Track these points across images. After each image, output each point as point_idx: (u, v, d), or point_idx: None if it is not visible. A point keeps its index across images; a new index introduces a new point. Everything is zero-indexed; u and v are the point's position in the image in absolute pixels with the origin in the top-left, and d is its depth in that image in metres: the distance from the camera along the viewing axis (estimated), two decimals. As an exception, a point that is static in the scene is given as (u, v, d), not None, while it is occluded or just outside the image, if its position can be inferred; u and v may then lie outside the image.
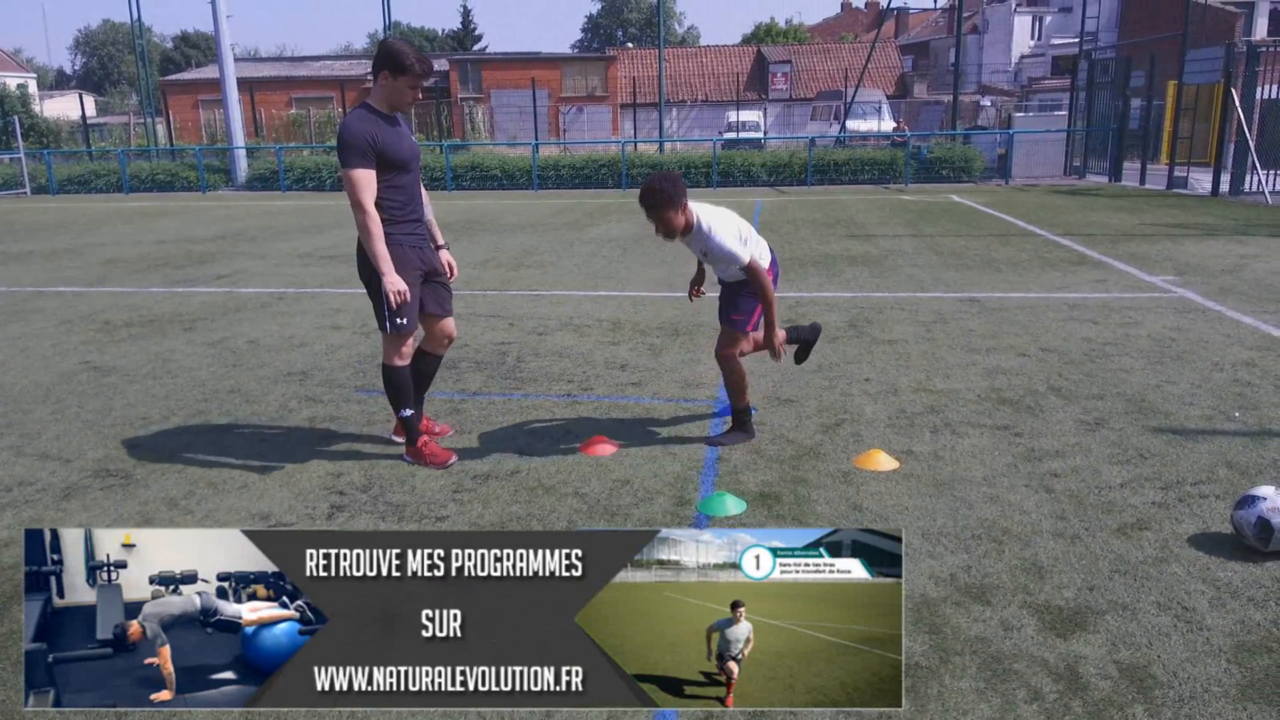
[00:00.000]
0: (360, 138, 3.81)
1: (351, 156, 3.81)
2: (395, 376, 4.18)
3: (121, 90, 71.46)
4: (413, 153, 4.04)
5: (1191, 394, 5.07)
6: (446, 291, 4.35)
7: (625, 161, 22.56)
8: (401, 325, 4.05)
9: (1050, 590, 3.04)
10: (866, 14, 68.26)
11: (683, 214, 4.07)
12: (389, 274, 3.90)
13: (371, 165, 3.84)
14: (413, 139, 4.11)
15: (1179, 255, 9.99)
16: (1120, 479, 3.93)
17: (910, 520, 3.55)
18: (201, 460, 4.35)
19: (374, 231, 3.86)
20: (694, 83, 44.73)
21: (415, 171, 4.09)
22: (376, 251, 3.88)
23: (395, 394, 4.21)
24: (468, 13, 56.51)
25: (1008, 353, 6.02)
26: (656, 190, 3.98)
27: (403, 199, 4.00)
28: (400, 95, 3.92)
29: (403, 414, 4.23)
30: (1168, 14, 30.04)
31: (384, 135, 3.87)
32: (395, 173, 3.95)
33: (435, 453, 4.24)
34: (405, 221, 4.03)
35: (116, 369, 6.05)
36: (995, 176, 22.54)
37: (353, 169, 3.82)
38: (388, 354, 4.16)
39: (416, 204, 4.10)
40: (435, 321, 4.33)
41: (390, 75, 3.87)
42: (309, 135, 31.89)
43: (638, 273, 9.59)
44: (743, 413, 4.47)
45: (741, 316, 4.36)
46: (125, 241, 13.16)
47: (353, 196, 3.85)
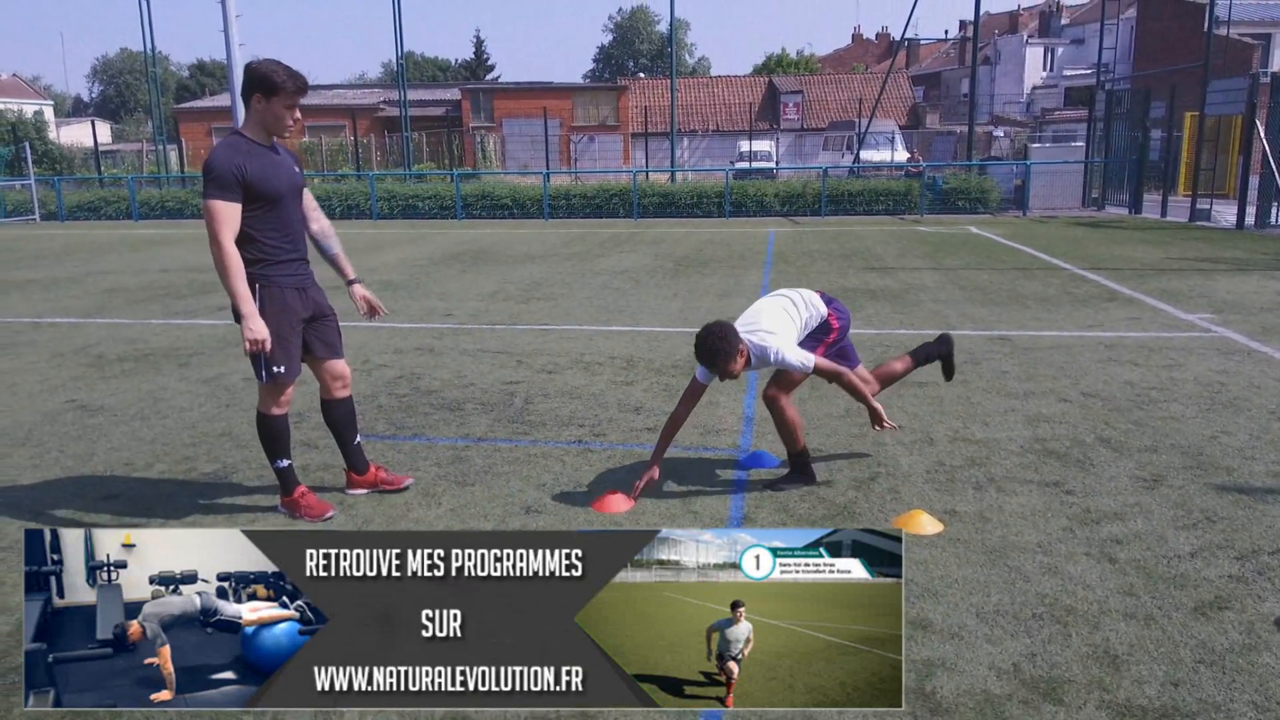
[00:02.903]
0: (225, 167, 3.50)
1: (211, 186, 3.50)
2: (269, 425, 3.86)
3: (137, 118, 72.09)
4: (291, 184, 3.71)
5: (1252, 447, 4.70)
6: (335, 332, 4.01)
7: (637, 191, 22.35)
8: (278, 374, 3.74)
9: (1130, 686, 2.66)
10: (877, 45, 68.47)
11: (741, 357, 4.00)
12: (250, 315, 3.57)
13: (235, 198, 3.52)
14: (294, 169, 3.76)
15: (1213, 292, 9.62)
16: (1189, 547, 3.56)
17: (962, 596, 3.18)
18: (184, 514, 4.01)
19: (231, 268, 3.53)
20: (705, 112, 44.74)
21: (294, 205, 3.75)
22: (235, 290, 3.55)
23: (270, 444, 3.89)
24: (480, 43, 56.92)
25: (1047, 397, 5.66)
26: (713, 350, 3.94)
27: (279, 236, 3.67)
28: (277, 119, 3.58)
29: (278, 464, 3.91)
30: (1183, 46, 29.89)
31: (255, 166, 3.55)
32: (269, 206, 3.62)
33: (311, 505, 3.93)
34: (284, 261, 3.71)
35: (104, 408, 5.74)
36: (1012, 208, 22.23)
37: (210, 199, 3.50)
38: (264, 401, 3.85)
39: (298, 241, 3.77)
40: (322, 364, 3.98)
41: (262, 98, 3.54)
42: (321, 163, 31.89)
43: (651, 306, 9.27)
44: (799, 456, 4.21)
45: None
46: (129, 270, 12.94)
47: (209, 229, 3.53)
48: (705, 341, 3.96)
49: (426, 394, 6.01)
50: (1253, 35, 31.42)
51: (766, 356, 4.01)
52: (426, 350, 7.31)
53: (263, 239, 3.64)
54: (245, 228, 3.60)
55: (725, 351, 3.93)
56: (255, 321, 3.58)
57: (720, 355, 3.94)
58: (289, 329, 3.73)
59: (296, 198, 3.78)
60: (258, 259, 3.64)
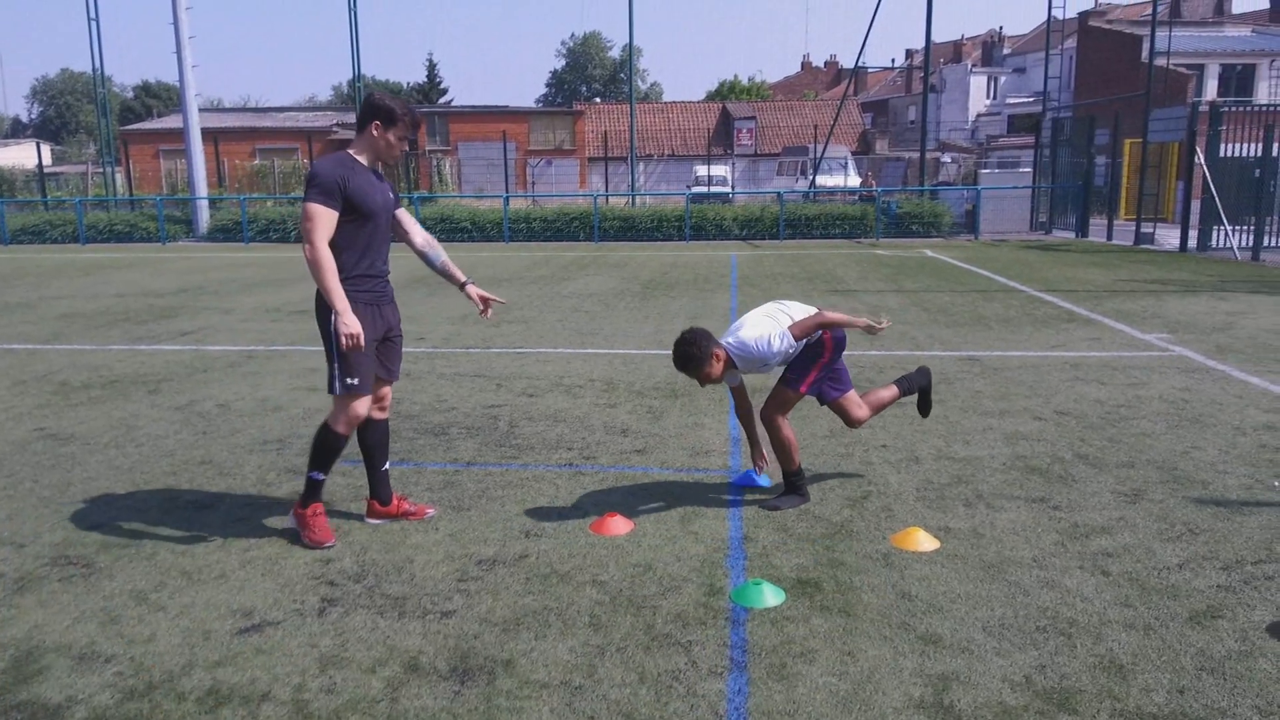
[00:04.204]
0: (330, 175, 3.63)
1: (314, 191, 3.61)
2: (329, 438, 3.84)
3: (79, 139, 70.48)
4: (384, 205, 3.82)
5: (1223, 461, 4.87)
6: (397, 356, 4.07)
7: (598, 214, 22.44)
8: (353, 385, 3.75)
9: (1139, 694, 2.74)
10: (826, 72, 69.89)
11: (718, 361, 4.08)
12: (344, 311, 3.61)
13: (334, 205, 3.63)
14: (390, 193, 3.89)
15: (1166, 312, 9.96)
16: (1177, 559, 3.67)
17: (967, 610, 3.25)
18: (172, 544, 3.92)
19: (326, 266, 3.61)
20: (660, 137, 45.15)
21: (384, 225, 3.86)
22: (330, 287, 3.61)
23: (320, 454, 3.87)
24: (433, 66, 56.69)
25: (1022, 416, 5.80)
26: (689, 356, 4.04)
27: (364, 251, 3.77)
28: (389, 147, 3.77)
29: (314, 475, 3.89)
30: (1120, 75, 31.03)
31: (357, 181, 3.69)
32: (360, 221, 3.72)
33: (318, 528, 3.89)
34: (364, 276, 3.78)
35: (75, 437, 5.59)
36: (964, 231, 22.77)
37: (311, 202, 3.61)
38: (335, 416, 3.83)
39: (377, 260, 3.85)
40: (379, 385, 4.02)
41: (381, 127, 3.73)
42: (274, 186, 31.45)
43: (624, 329, 9.31)
44: (794, 475, 4.29)
45: (795, 374, 4.25)
46: (82, 295, 12.62)
47: (305, 230, 3.62)
48: (678, 349, 4.08)
49: (408, 418, 5.96)
50: (1187, 66, 32.73)
51: (747, 351, 4.07)
52: (403, 374, 7.22)
53: (348, 252, 3.72)
54: (334, 239, 3.67)
55: (698, 357, 4.03)
56: (349, 316, 3.62)
57: (693, 361, 4.04)
58: (366, 343, 3.73)
59: (388, 219, 3.88)
60: (338, 271, 3.68)
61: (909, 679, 2.82)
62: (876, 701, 2.71)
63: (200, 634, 3.14)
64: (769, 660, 2.94)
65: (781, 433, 4.23)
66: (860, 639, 3.06)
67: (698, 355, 4.03)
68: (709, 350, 4.05)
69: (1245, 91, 34.17)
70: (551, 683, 2.82)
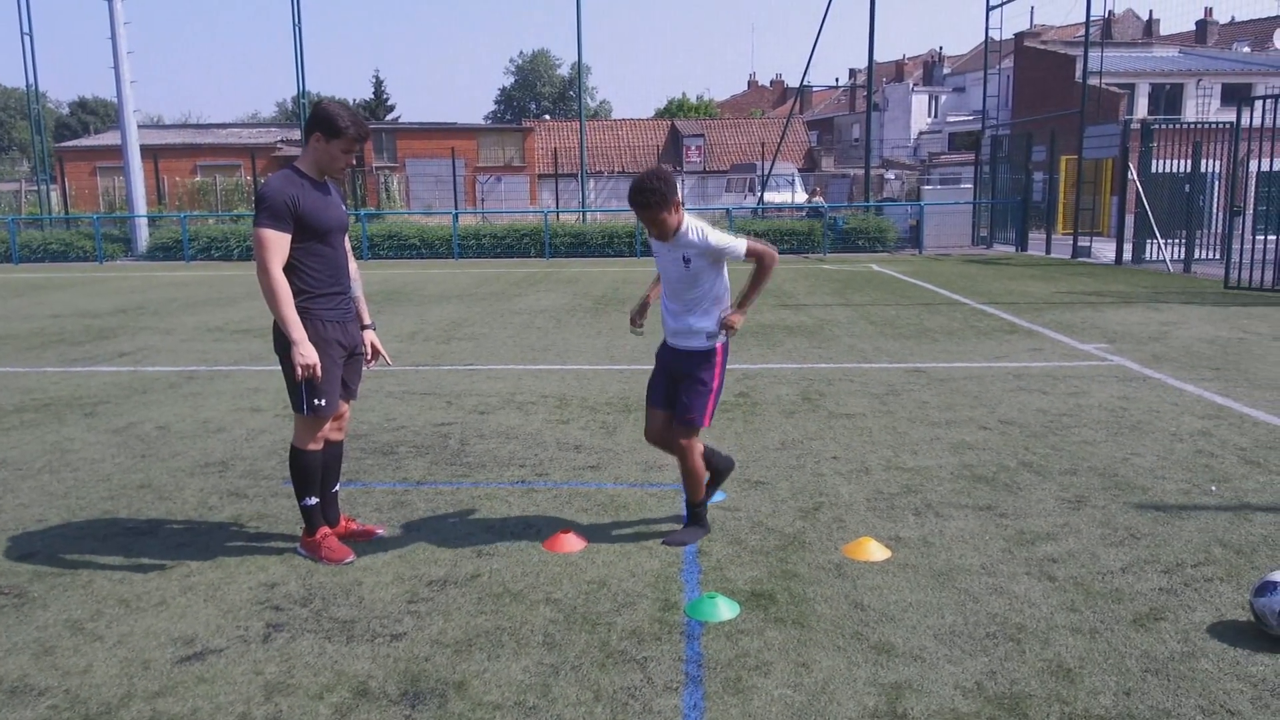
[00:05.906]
0: (279, 197, 3.54)
1: (264, 215, 3.53)
2: (303, 461, 3.80)
3: (12, 156, 68.39)
4: (339, 222, 3.76)
5: (1161, 467, 5.00)
6: (358, 374, 4.02)
7: (549, 231, 22.41)
8: (319, 407, 3.70)
9: (1086, 697, 2.78)
10: (772, 90, 70.89)
11: (677, 213, 3.78)
12: (300, 341, 3.56)
13: (286, 228, 3.55)
14: (342, 207, 3.83)
15: (1103, 323, 10.23)
16: (1119, 563, 3.76)
17: (918, 619, 3.28)
18: (110, 572, 3.79)
19: (280, 295, 3.54)
20: (610, 154, 45.29)
21: (340, 241, 3.80)
22: (285, 316, 3.55)
23: (301, 480, 3.82)
24: (380, 83, 56.09)
25: (968, 426, 5.90)
26: (650, 189, 3.69)
27: (323, 269, 3.70)
28: (332, 160, 3.68)
29: (306, 502, 3.84)
30: (1055, 94, 31.94)
31: (308, 199, 3.61)
32: (316, 241, 3.66)
33: (333, 548, 3.84)
34: (326, 294, 3.72)
35: (7, 462, 5.39)
36: (908, 246, 23.19)
37: (263, 228, 3.52)
38: (300, 436, 3.78)
39: (341, 276, 3.79)
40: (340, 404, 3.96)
41: (323, 138, 3.63)
42: (215, 203, 30.87)
43: (576, 345, 9.28)
44: (699, 507, 4.09)
45: (695, 416, 3.93)
46: (15, 316, 12.21)
47: (259, 258, 3.54)
48: (641, 182, 3.70)
49: (356, 438, 5.85)
50: (1119, 85, 33.85)
51: (705, 236, 3.78)
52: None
53: (307, 272, 3.65)
54: (291, 259, 3.59)
55: (663, 194, 3.68)
56: (306, 347, 3.55)
57: (655, 196, 3.68)
58: (330, 362, 3.68)
59: (342, 234, 3.80)
60: (301, 291, 3.62)
61: (863, 689, 2.83)
62: (831, 712, 2.71)
63: (139, 664, 3.03)
64: (724, 674, 2.93)
65: (692, 462, 3.97)
66: (814, 650, 3.07)
67: (662, 190, 3.68)
68: (674, 198, 3.72)
69: (1174, 110, 35.44)
70: (505, 704, 2.78)
